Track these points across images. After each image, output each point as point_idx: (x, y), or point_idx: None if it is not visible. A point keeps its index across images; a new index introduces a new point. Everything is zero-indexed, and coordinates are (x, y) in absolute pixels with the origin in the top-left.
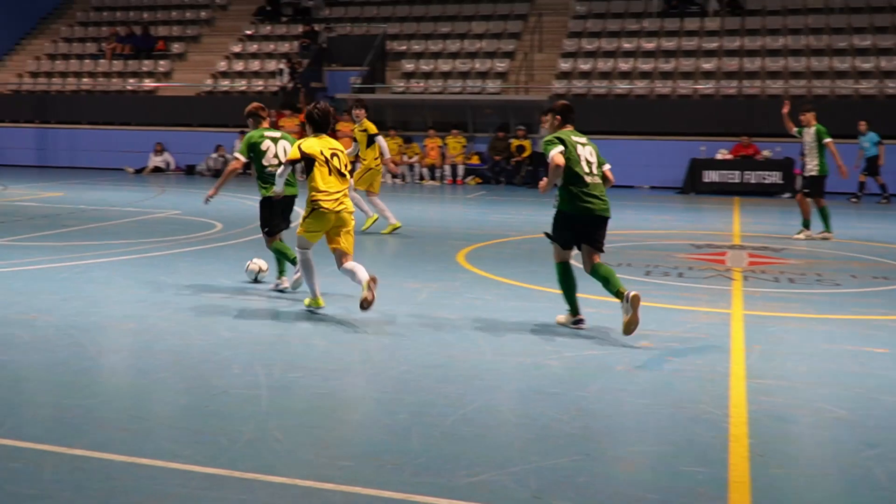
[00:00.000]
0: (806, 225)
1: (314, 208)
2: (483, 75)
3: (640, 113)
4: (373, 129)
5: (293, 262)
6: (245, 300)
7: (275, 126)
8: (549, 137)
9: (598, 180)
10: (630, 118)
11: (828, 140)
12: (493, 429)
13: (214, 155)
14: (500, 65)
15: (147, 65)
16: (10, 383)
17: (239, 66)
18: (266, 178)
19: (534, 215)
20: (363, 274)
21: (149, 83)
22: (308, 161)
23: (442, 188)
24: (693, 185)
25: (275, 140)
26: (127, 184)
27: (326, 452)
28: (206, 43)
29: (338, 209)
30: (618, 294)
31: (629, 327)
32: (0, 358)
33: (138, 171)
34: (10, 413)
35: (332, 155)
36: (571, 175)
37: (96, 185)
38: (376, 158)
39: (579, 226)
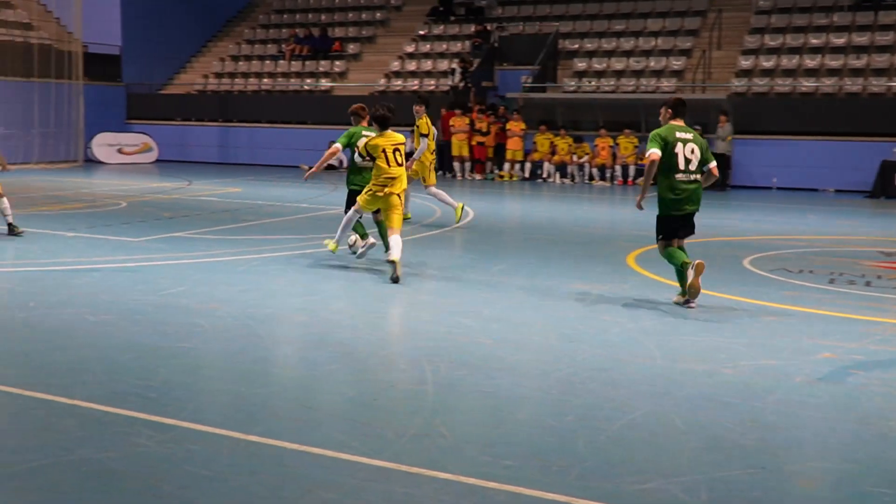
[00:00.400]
0: None
1: (373, 191)
2: (658, 74)
3: (826, 112)
4: (424, 129)
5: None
6: (414, 296)
7: (443, 124)
8: (653, 134)
9: (693, 177)
10: (816, 117)
11: None
12: (661, 436)
13: None
14: (676, 63)
15: (324, 65)
16: (192, 370)
17: (412, 65)
18: (357, 170)
19: (707, 218)
20: (397, 252)
21: (325, 83)
22: (370, 155)
23: (612, 189)
24: (884, 188)
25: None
26: (302, 181)
27: (491, 451)
28: (380, 43)
29: (388, 193)
30: (683, 265)
31: (692, 291)
32: (183, 345)
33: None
34: (192, 398)
35: (394, 150)
36: (665, 171)
37: (273, 181)
38: (432, 153)
39: (673, 223)
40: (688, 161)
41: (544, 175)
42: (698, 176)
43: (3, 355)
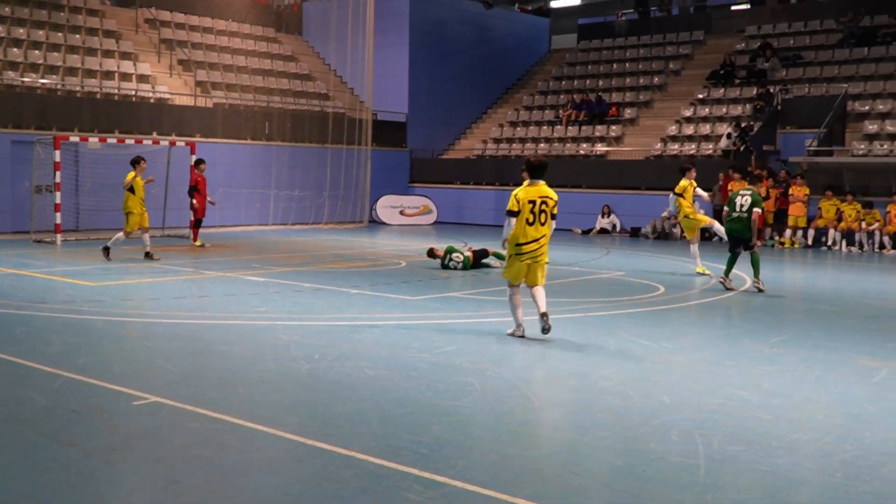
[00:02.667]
0: None
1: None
2: None
3: None
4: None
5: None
6: (688, 365)
7: (722, 189)
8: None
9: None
10: None
11: None
12: None
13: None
14: None
15: (600, 130)
16: (462, 428)
17: (689, 129)
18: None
19: None
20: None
21: (600, 147)
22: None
23: None
24: None
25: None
26: (574, 244)
27: None
28: (657, 108)
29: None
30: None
31: None
32: (455, 403)
33: (585, 232)
34: (461, 456)
35: (542, 202)
36: None
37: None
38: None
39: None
40: (741, 206)
41: (829, 243)
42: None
43: (288, 404)
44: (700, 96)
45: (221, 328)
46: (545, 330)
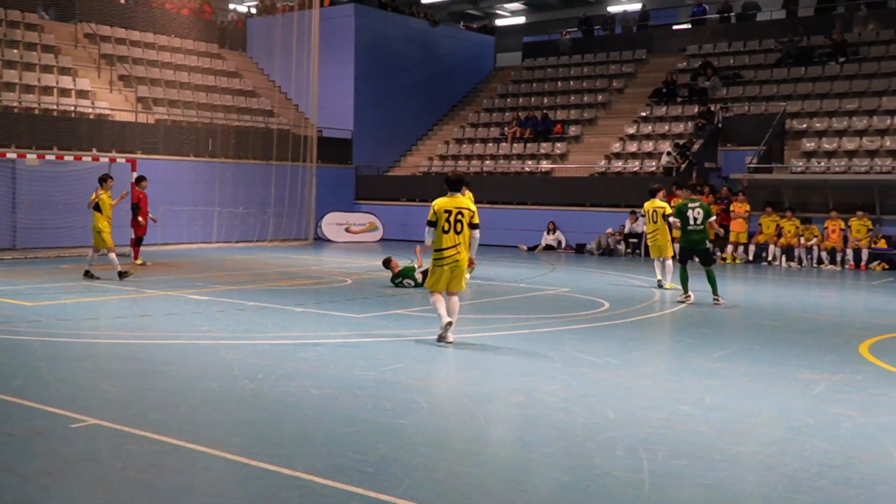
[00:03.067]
0: None
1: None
2: (894, 154)
3: None
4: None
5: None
6: (631, 380)
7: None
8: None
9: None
10: None
11: None
12: None
13: (608, 232)
14: None
15: (545, 147)
16: (408, 446)
17: (633, 146)
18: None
19: None
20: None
21: (546, 164)
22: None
23: (843, 273)
24: None
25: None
26: (520, 260)
27: None
28: (601, 125)
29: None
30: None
31: None
32: (400, 421)
33: (531, 249)
34: (407, 475)
35: (458, 213)
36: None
37: (492, 260)
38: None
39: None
40: (695, 219)
41: (769, 258)
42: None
43: (231, 424)
44: (643, 114)
45: (163, 348)
46: (442, 338)
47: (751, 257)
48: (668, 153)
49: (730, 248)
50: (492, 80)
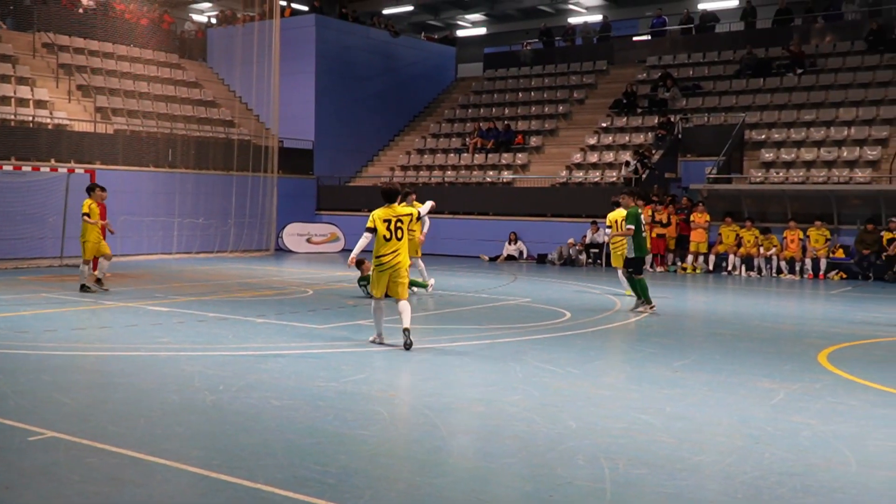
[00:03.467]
0: None
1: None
2: (851, 164)
3: None
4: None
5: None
6: (592, 390)
7: None
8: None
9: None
10: None
11: None
12: None
13: (569, 243)
14: (872, 153)
15: (506, 157)
16: (370, 457)
17: (594, 157)
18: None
19: None
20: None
21: (507, 175)
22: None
23: (802, 283)
24: None
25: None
26: (482, 271)
27: None
28: (562, 136)
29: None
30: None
31: None
32: (362, 432)
33: (493, 259)
34: (369, 486)
35: (397, 220)
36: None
37: (454, 271)
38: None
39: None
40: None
41: (729, 268)
42: None
43: (191, 436)
44: (604, 125)
45: (122, 360)
46: (407, 345)
47: (711, 267)
48: (628, 163)
49: (690, 258)
50: (453, 91)
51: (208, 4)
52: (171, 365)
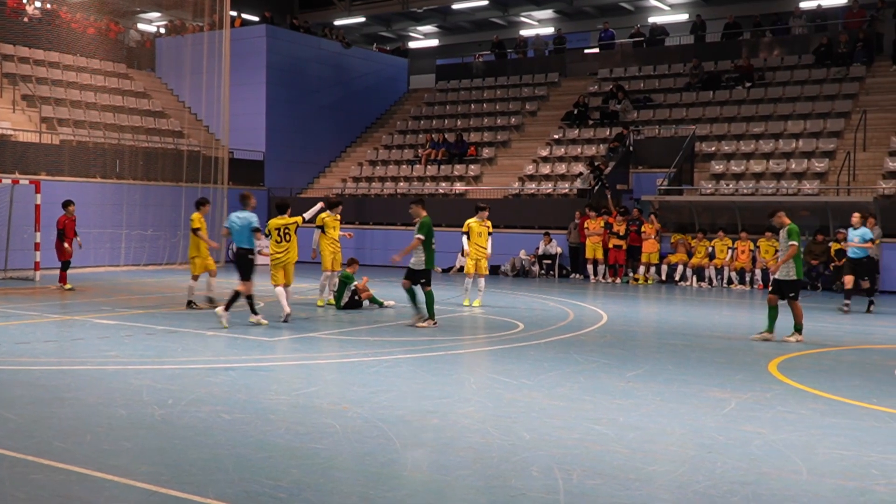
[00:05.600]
0: None
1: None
2: (799, 176)
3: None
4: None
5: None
6: (546, 401)
7: (579, 227)
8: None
9: None
10: None
11: None
12: None
13: (521, 255)
14: (819, 164)
15: (459, 169)
16: (322, 471)
17: (546, 168)
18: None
19: (856, 324)
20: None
21: (460, 186)
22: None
23: (752, 293)
24: None
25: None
26: (435, 282)
27: None
28: (515, 147)
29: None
30: None
31: None
32: (314, 446)
33: (445, 271)
34: (321, 500)
35: (285, 227)
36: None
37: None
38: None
39: None
40: None
41: (679, 278)
42: None
43: (140, 451)
44: (556, 136)
45: (68, 374)
46: (285, 319)
47: (663, 277)
48: (581, 174)
49: (642, 268)
50: (405, 102)
51: (157, 14)
52: (119, 379)
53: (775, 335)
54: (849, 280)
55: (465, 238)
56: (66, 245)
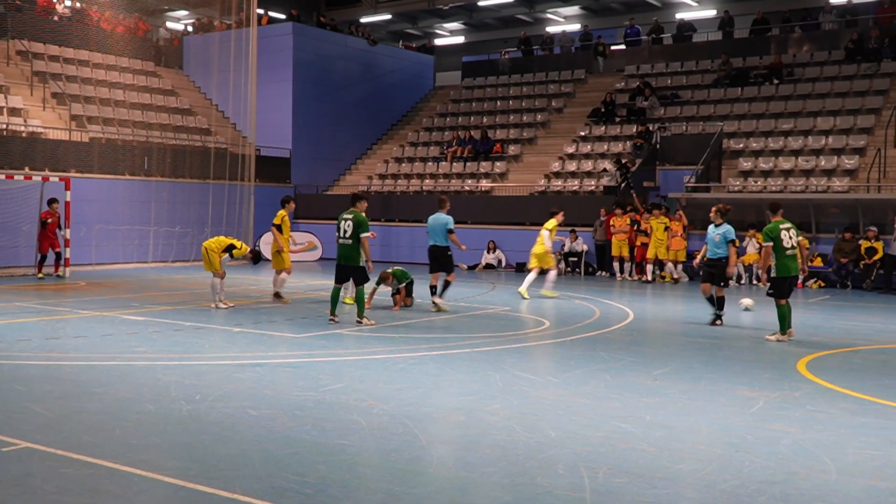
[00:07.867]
0: None
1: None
2: (829, 173)
3: None
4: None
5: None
6: (572, 398)
7: (605, 224)
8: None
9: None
10: None
11: None
12: None
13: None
14: (849, 161)
15: (484, 166)
16: (348, 467)
17: (572, 166)
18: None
19: (886, 323)
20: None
21: (485, 184)
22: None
23: None
24: None
25: None
26: (460, 280)
27: None
28: (540, 144)
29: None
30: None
31: None
32: (340, 442)
33: (471, 268)
34: (347, 496)
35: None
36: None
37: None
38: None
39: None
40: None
41: None
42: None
43: (168, 446)
44: (582, 133)
45: (97, 369)
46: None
47: (689, 276)
48: (605, 170)
49: (669, 266)
50: (431, 100)
51: (185, 12)
52: (148, 375)
53: (791, 334)
54: None
55: (546, 234)
56: (49, 236)
